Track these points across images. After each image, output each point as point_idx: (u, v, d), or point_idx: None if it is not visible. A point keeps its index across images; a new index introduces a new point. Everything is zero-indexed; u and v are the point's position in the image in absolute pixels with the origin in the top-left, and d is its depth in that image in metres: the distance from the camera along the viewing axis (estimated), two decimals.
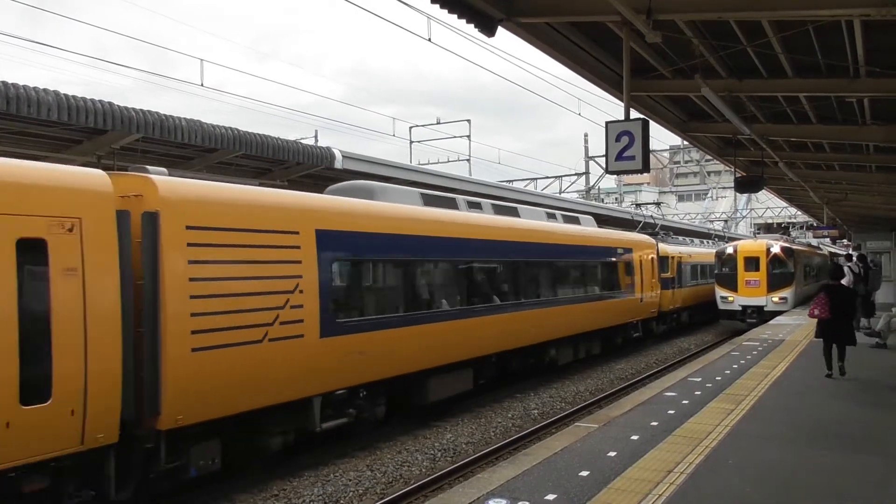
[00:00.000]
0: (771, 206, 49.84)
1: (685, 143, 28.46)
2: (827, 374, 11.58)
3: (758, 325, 22.21)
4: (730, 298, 25.36)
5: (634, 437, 7.73)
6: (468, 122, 31.55)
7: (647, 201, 48.19)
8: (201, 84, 28.91)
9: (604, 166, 18.94)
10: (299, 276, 8.86)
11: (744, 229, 58.19)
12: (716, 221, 52.47)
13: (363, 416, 10.36)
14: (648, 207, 37.71)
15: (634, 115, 9.17)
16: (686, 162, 59.69)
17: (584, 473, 6.44)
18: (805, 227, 46.77)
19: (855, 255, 23.43)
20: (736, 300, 25.24)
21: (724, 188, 61.10)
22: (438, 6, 6.91)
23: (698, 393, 10.35)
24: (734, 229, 54.47)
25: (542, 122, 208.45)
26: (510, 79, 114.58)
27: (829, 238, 43.30)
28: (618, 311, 20.05)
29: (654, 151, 37.04)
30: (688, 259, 27.66)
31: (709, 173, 66.16)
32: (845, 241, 45.64)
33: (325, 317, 9.17)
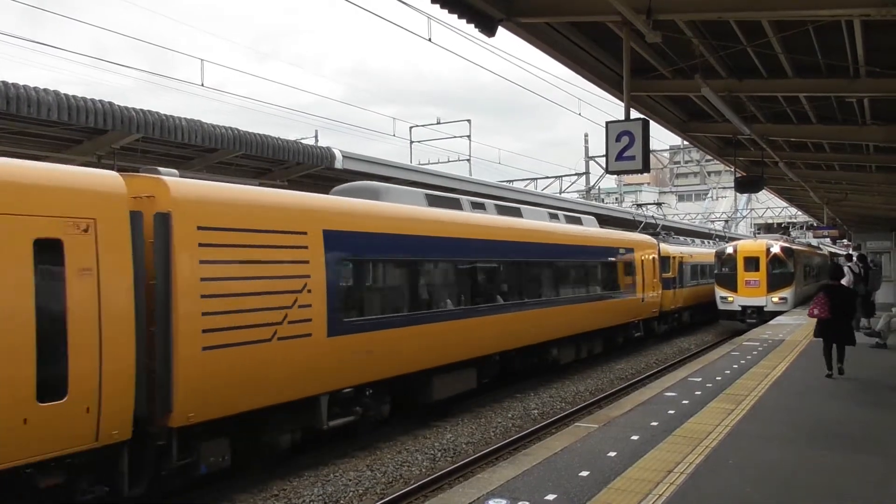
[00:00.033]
0: (771, 206, 49.83)
1: (685, 143, 28.46)
2: (827, 374, 11.59)
3: (757, 325, 22.20)
4: (729, 299, 25.33)
5: (634, 437, 7.73)
6: (468, 122, 31.56)
7: (647, 201, 48.24)
8: (201, 84, 28.90)
9: (604, 166, 18.94)
10: (307, 275, 8.96)
11: (744, 229, 58.17)
12: (716, 221, 52.42)
13: (369, 414, 10.42)
14: (649, 208, 37.72)
15: (634, 115, 9.17)
16: (686, 162, 59.65)
17: (584, 473, 6.44)
18: (805, 227, 46.75)
19: (855, 255, 23.43)
20: (736, 300, 25.21)
21: (724, 188, 61.12)
22: (438, 6, 6.91)
23: (698, 393, 10.35)
24: (734, 229, 54.45)
25: (542, 122, 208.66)
26: (510, 79, 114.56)
27: (829, 238, 43.30)
28: (620, 311, 20.08)
29: (654, 151, 37.02)
30: (689, 259, 27.65)
31: (709, 173, 66.14)
32: (845, 241, 45.63)
33: (333, 316, 9.27)
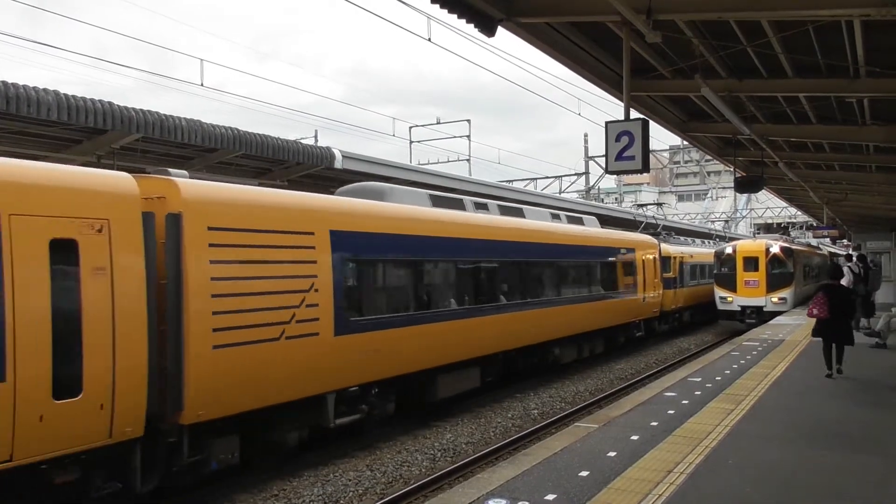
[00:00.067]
0: (771, 206, 49.81)
1: (685, 143, 28.45)
2: (827, 374, 11.59)
3: (757, 325, 22.18)
4: (729, 299, 25.30)
5: (634, 437, 7.73)
6: (468, 122, 31.57)
7: (647, 201, 48.23)
8: (201, 84, 28.91)
9: (604, 166, 18.93)
10: (314, 275, 9.07)
11: (744, 229, 58.16)
12: (716, 222, 52.42)
13: (374, 412, 10.51)
14: (650, 208, 37.73)
15: (634, 115, 9.17)
16: (686, 162, 59.66)
17: (584, 473, 6.44)
18: (805, 227, 46.74)
19: (855, 255, 23.43)
20: (735, 300, 25.17)
21: (724, 188, 61.11)
22: (438, 6, 6.91)
23: (698, 393, 10.35)
24: (734, 229, 54.45)
25: (542, 122, 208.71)
26: (510, 79, 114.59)
27: (828, 238, 43.32)
28: (621, 311, 20.18)
29: (653, 151, 37.03)
30: (689, 259, 27.67)
31: (709, 173, 66.14)
32: (845, 241, 45.63)
33: (339, 315, 9.38)
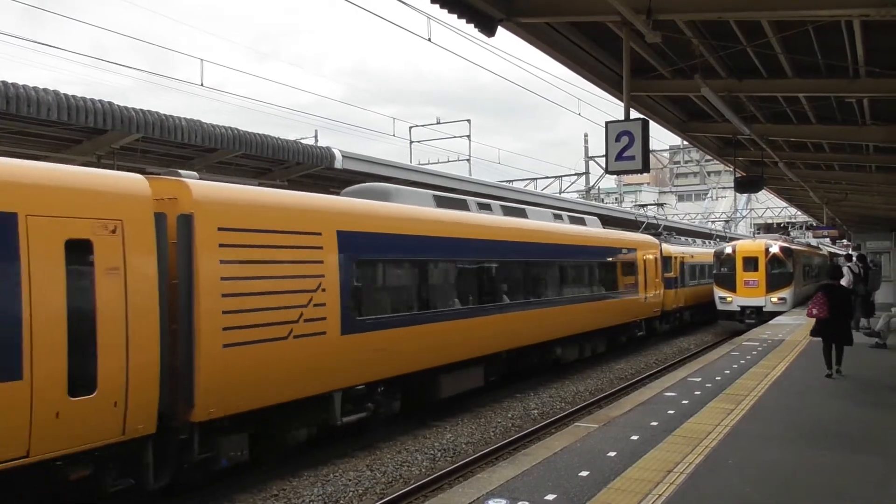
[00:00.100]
0: (771, 206, 49.80)
1: (685, 143, 28.45)
2: (827, 374, 11.59)
3: (756, 325, 22.18)
4: (728, 299, 25.26)
5: (634, 437, 7.73)
6: (468, 122, 31.56)
7: (647, 201, 48.26)
8: (201, 84, 28.90)
9: (604, 166, 18.94)
10: (322, 275, 9.21)
11: (744, 229, 58.16)
12: (717, 222, 52.43)
13: (380, 410, 10.63)
14: (651, 208, 37.76)
15: (634, 115, 9.16)
16: (686, 162, 59.70)
17: (584, 473, 6.44)
18: (805, 227, 46.73)
19: (855, 255, 23.43)
20: (734, 300, 25.14)
21: (724, 188, 61.10)
22: (438, 6, 6.90)
23: (698, 393, 10.36)
24: (734, 229, 54.46)
25: (542, 122, 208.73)
26: (510, 79, 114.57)
27: (828, 238, 43.32)
28: (623, 311, 20.32)
29: (653, 151, 37.02)
30: (690, 259, 27.70)
31: (709, 173, 66.18)
32: (845, 241, 45.62)
33: (346, 314, 9.52)
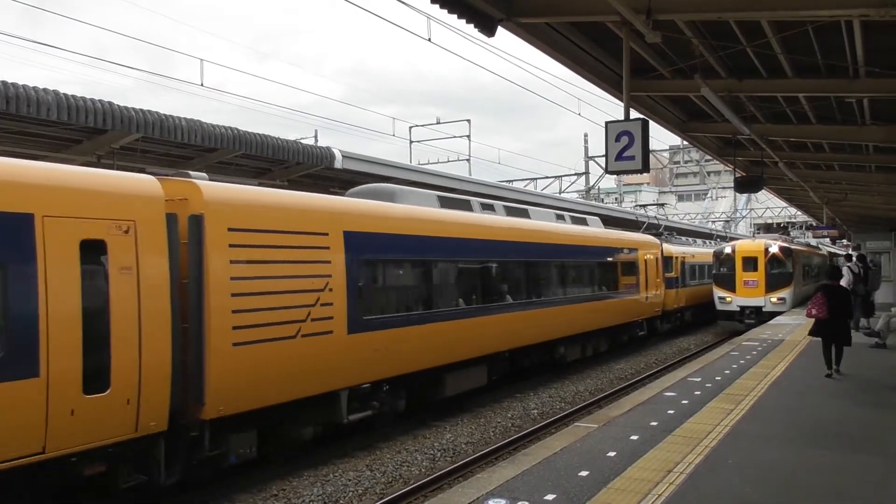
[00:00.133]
0: (771, 206, 49.81)
1: (685, 143, 28.44)
2: (827, 373, 11.60)
3: (756, 325, 22.17)
4: (728, 299, 25.21)
5: (634, 437, 7.73)
6: (468, 122, 31.53)
7: (647, 201, 48.25)
8: (201, 84, 28.91)
9: (604, 166, 18.94)
10: (329, 275, 9.34)
11: (744, 229, 58.15)
12: (717, 222, 52.42)
13: (385, 409, 10.73)
14: (652, 208, 37.80)
15: (634, 115, 9.16)
16: (686, 162, 59.65)
17: (584, 473, 6.44)
18: (805, 227, 46.73)
19: (854, 255, 23.43)
20: (734, 301, 25.08)
21: (724, 188, 61.08)
22: (438, 6, 6.90)
23: (698, 393, 10.36)
24: (734, 229, 54.47)
25: (542, 122, 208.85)
26: (510, 79, 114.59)
27: (828, 238, 43.31)
28: (624, 310, 20.44)
29: (653, 151, 36.96)
30: (691, 259, 27.75)
31: (708, 173, 66.15)
32: (845, 241, 45.61)
33: (353, 314, 9.65)
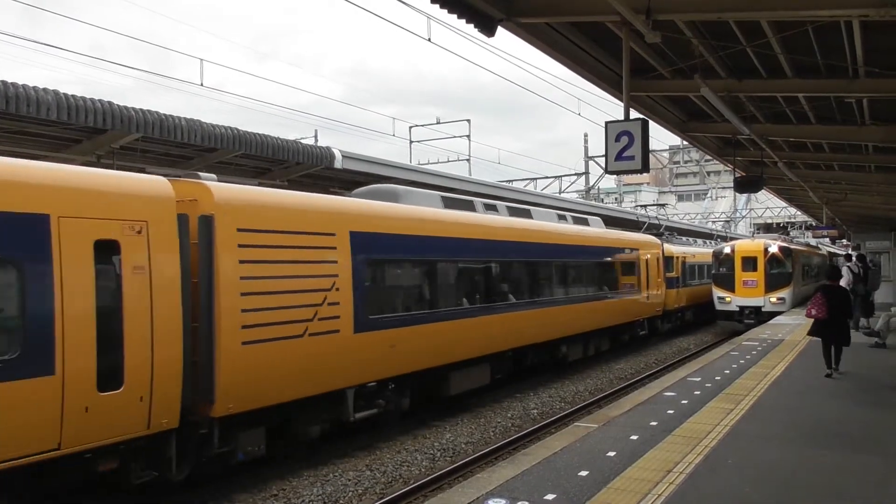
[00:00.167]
0: (770, 206, 49.80)
1: (685, 143, 28.44)
2: (826, 373, 11.61)
3: (755, 325, 22.17)
4: (727, 299, 25.16)
5: (634, 437, 7.73)
6: (468, 122, 31.50)
7: (646, 201, 48.29)
8: (201, 84, 28.95)
9: (604, 166, 18.96)
10: (336, 274, 9.46)
11: (743, 229, 58.14)
12: (717, 222, 52.41)
13: (390, 407, 10.82)
14: (652, 208, 37.83)
15: (634, 115, 9.16)
16: (686, 162, 59.57)
17: (584, 473, 6.44)
18: (804, 226, 46.72)
19: (854, 255, 23.44)
20: (733, 301, 25.02)
21: (724, 188, 61.06)
22: (438, 6, 6.90)
23: (698, 393, 10.36)
24: (734, 229, 54.47)
25: (542, 122, 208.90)
26: (510, 79, 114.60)
27: (828, 238, 43.31)
28: (626, 310, 20.55)
29: (653, 151, 36.92)
30: (692, 259, 27.81)
31: (708, 173, 66.10)
32: (844, 240, 45.61)
33: (359, 313, 9.77)
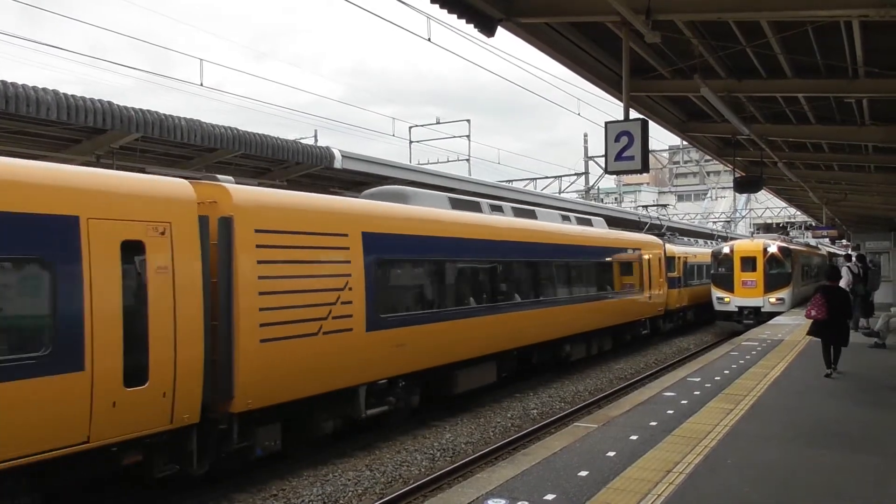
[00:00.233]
0: (770, 207, 49.81)
1: (684, 143, 28.44)
2: (826, 373, 11.62)
3: (755, 326, 22.16)
4: (726, 299, 25.08)
5: (633, 437, 7.73)
6: (468, 122, 31.48)
7: (646, 201, 48.34)
8: (200, 84, 29.02)
9: (603, 166, 18.96)
10: (348, 274, 9.67)
11: (743, 229, 58.13)
12: (718, 222, 52.41)
13: (400, 404, 10.97)
14: (654, 208, 37.88)
15: (634, 115, 9.16)
16: (685, 162, 59.55)
17: (584, 473, 6.44)
18: (804, 226, 46.70)
19: (854, 255, 23.44)
20: (732, 301, 24.93)
21: (724, 188, 61.07)
22: (438, 6, 6.91)
23: (697, 393, 10.36)
24: (734, 229, 54.47)
25: (542, 122, 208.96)
26: (510, 79, 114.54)
27: (828, 238, 43.30)
28: (628, 310, 20.69)
29: (653, 151, 36.95)
30: (693, 259, 27.88)
31: (708, 173, 66.10)
32: (844, 241, 45.61)
33: (371, 312, 9.96)
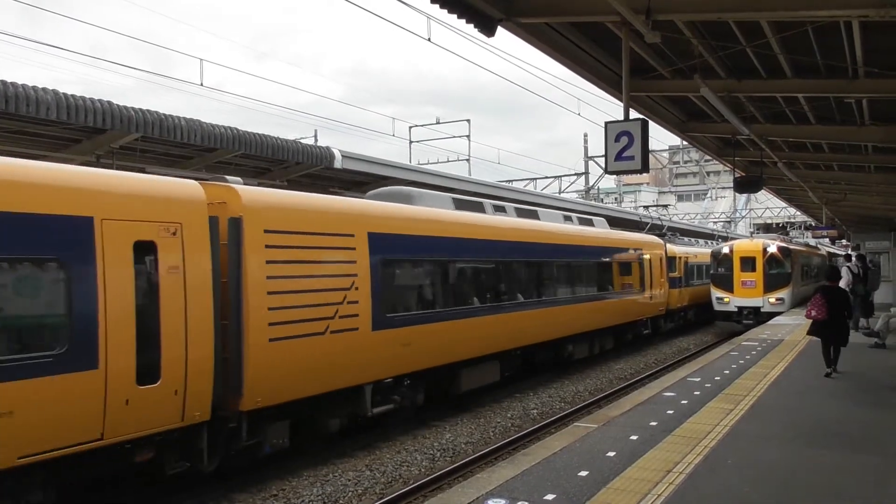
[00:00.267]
0: (770, 207, 49.80)
1: (684, 143, 28.45)
2: (826, 373, 11.62)
3: (754, 326, 22.15)
4: (725, 299, 25.04)
5: (633, 437, 7.74)
6: (468, 121, 31.48)
7: (646, 201, 48.36)
8: (200, 84, 29.00)
9: (603, 166, 18.97)
10: (355, 274, 9.79)
11: (743, 229, 58.12)
12: (718, 222, 52.41)
13: (405, 403, 11.06)
14: (655, 209, 37.91)
15: (634, 115, 9.15)
16: (685, 162, 59.50)
17: (584, 473, 6.44)
18: (804, 227, 46.68)
19: (854, 255, 23.44)
20: (732, 301, 24.89)
21: (724, 188, 61.07)
22: (438, 6, 6.91)
23: (697, 393, 10.36)
24: (734, 229, 54.46)
25: (542, 122, 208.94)
26: (510, 79, 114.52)
27: (828, 238, 43.30)
28: (630, 309, 20.80)
29: (653, 151, 36.97)
30: (693, 259, 27.96)
31: (708, 173, 66.08)
32: (844, 241, 45.60)
33: (376, 311, 10.08)
